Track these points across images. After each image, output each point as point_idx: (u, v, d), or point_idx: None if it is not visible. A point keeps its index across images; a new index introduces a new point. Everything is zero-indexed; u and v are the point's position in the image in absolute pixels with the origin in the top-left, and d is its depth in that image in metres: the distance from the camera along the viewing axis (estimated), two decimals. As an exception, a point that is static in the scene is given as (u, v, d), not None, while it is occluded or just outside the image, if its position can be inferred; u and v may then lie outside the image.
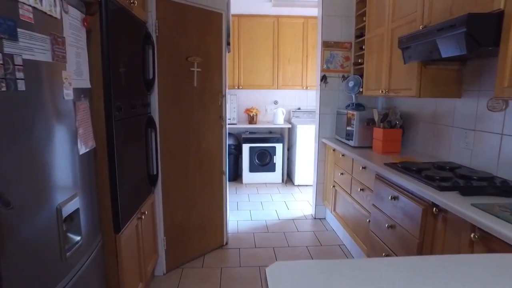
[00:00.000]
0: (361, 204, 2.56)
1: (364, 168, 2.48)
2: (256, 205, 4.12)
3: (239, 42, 4.91)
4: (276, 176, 5.05)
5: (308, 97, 5.46)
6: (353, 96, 3.27)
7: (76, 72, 1.27)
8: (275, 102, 5.42)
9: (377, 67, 2.77)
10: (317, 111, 3.54)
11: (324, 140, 3.47)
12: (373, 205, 2.26)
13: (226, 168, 2.96)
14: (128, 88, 1.86)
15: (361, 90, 3.16)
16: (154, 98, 2.30)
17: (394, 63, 2.49)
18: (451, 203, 1.43)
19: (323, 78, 3.38)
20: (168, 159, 2.45)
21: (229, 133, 5.17)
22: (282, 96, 5.43)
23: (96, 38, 1.48)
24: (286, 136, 5.03)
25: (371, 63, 2.90)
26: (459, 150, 2.21)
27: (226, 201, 3.02)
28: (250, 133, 5.20)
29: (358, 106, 3.23)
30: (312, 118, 5.25)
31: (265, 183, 5.05)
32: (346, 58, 3.39)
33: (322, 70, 3.39)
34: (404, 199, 1.85)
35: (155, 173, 2.34)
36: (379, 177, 2.19)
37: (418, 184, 1.73)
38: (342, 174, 2.99)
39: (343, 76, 3.41)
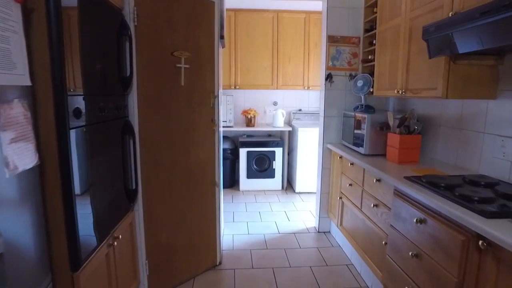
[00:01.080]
0: (374, 222, 2.22)
1: (378, 181, 2.14)
2: (253, 216, 3.77)
3: (235, 38, 4.57)
4: (275, 182, 4.71)
5: (309, 98, 5.11)
6: (362, 97, 2.93)
7: (0, 64, 0.92)
8: (275, 103, 5.07)
9: (391, 64, 2.42)
10: (322, 113, 3.19)
11: (329, 146, 3.12)
12: (392, 226, 1.91)
13: (219, 178, 2.61)
14: (95, 88, 1.51)
15: (371, 91, 2.81)
16: (133, 99, 1.95)
17: (413, 59, 2.15)
18: (509, 238, 1.09)
19: (328, 77, 3.03)
20: (150, 170, 2.10)
21: (225, 137, 4.83)
22: (282, 97, 5.08)
23: (40, 20, 1.13)
24: (286, 140, 4.68)
25: (384, 60, 2.56)
26: (493, 161, 1.86)
27: (220, 216, 2.67)
28: (248, 136, 4.85)
29: (368, 108, 2.89)
30: (314, 120, 4.90)
31: (264, 190, 4.70)
32: (354, 54, 3.05)
33: (327, 68, 3.04)
34: (434, 223, 1.51)
35: (134, 187, 1.99)
36: (399, 194, 1.84)
37: (453, 207, 1.39)
38: (350, 185, 2.65)
39: (350, 75, 3.06)
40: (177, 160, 2.26)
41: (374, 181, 2.16)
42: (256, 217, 3.74)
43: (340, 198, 2.90)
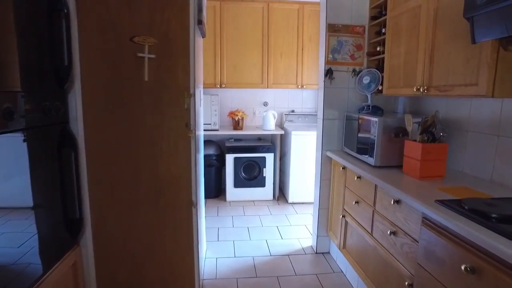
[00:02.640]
0: (391, 253, 1.76)
1: (397, 202, 1.68)
2: (241, 233, 3.29)
3: (221, 32, 4.08)
4: (266, 192, 4.23)
5: (303, 98, 4.65)
6: (369, 96, 2.47)
7: None
8: (265, 104, 4.60)
9: (408, 55, 1.98)
10: (320, 115, 2.72)
11: (329, 154, 2.66)
12: (420, 265, 1.45)
13: (198, 197, 2.12)
14: (7, 81, 1.01)
15: (379, 89, 2.36)
16: (75, 99, 1.45)
17: (439, 48, 1.69)
18: None
19: (328, 73, 2.57)
20: (103, 192, 1.61)
21: (209, 141, 4.34)
22: (273, 97, 4.61)
23: None
24: (278, 144, 4.22)
25: (397, 51, 2.11)
26: (552, 179, 1.42)
27: (199, 243, 2.17)
28: (235, 140, 4.36)
29: (376, 110, 2.44)
30: (309, 122, 4.45)
31: (253, 201, 4.22)
32: (358, 46, 2.59)
33: (327, 62, 2.58)
34: (495, 275, 1.05)
35: (78, 216, 1.49)
36: (432, 224, 1.38)
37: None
38: (357, 203, 2.18)
39: (354, 70, 2.60)
40: (141, 176, 1.77)
41: (392, 202, 1.70)
42: (244, 235, 3.26)
43: (343, 216, 2.44)
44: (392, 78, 2.18)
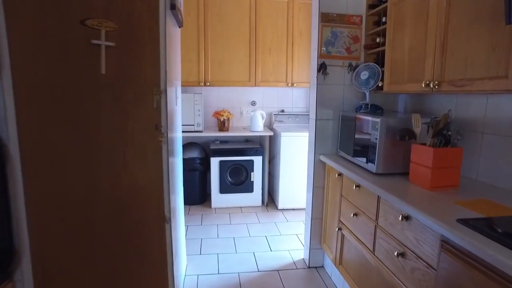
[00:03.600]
0: (398, 278, 1.48)
1: (406, 218, 1.40)
2: (227, 245, 2.99)
3: (205, 26, 3.77)
4: (254, 197, 3.94)
5: (294, 97, 4.38)
6: (367, 93, 2.21)
7: None
8: (253, 103, 4.31)
9: (414, 45, 1.71)
10: (312, 115, 2.45)
11: (323, 158, 2.38)
12: (438, 300, 1.18)
13: (175, 209, 1.81)
14: None
15: (379, 85, 2.09)
16: (2, 93, 1.14)
17: (454, 36, 1.43)
18: None
19: (322, 67, 2.29)
20: (46, 213, 1.29)
21: (193, 143, 4.03)
22: (262, 96, 4.33)
23: None
24: (266, 146, 3.93)
25: (401, 42, 1.84)
26: None
27: (173, 263, 1.87)
28: (221, 142, 4.07)
29: (375, 109, 2.17)
30: (300, 123, 4.18)
31: (241, 207, 3.93)
32: (354, 38, 2.33)
33: (320, 55, 2.30)
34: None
35: (8, 244, 1.17)
36: (457, 253, 1.11)
37: None
38: (355, 215, 1.91)
39: (350, 65, 2.33)
40: (98, 191, 1.46)
41: (400, 218, 1.43)
42: (230, 246, 2.96)
43: (340, 229, 2.16)
44: (395, 72, 1.92)
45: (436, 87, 1.53)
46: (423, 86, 1.60)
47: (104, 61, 1.40)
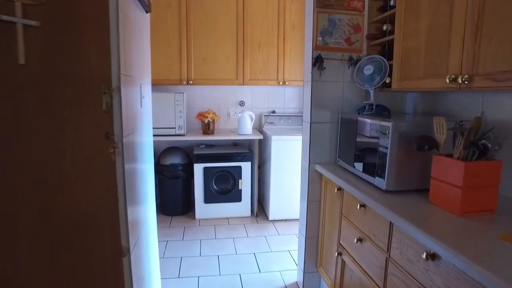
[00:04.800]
0: (420, 332, 1.14)
1: (432, 258, 1.05)
2: (210, 265, 2.62)
3: (188, 18, 3.40)
4: (242, 207, 3.58)
5: (286, 96, 4.03)
6: (371, 92, 1.86)
7: None
8: (241, 103, 3.95)
9: (434, 31, 1.37)
10: (307, 118, 2.09)
11: (318, 168, 2.03)
12: None
13: (138, 233, 1.44)
14: None
15: (387, 82, 1.75)
16: None
17: (494, 12, 1.09)
18: None
19: (317, 61, 1.94)
20: None
21: (175, 148, 3.65)
22: (250, 95, 3.97)
23: None
24: (256, 151, 3.57)
25: (415, 26, 1.50)
26: None
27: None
28: (207, 147, 3.70)
29: (381, 110, 1.83)
30: (292, 125, 3.83)
31: (227, 218, 3.56)
32: (356, 27, 1.98)
33: (315, 47, 1.95)
34: None
35: None
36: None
37: None
38: (360, 241, 1.56)
39: (350, 58, 1.99)
40: (22, 223, 1.08)
41: (423, 256, 1.08)
42: (214, 267, 2.60)
43: (339, 254, 1.81)
44: (407, 66, 1.57)
45: (466, 82, 1.19)
46: (447, 81, 1.25)
47: (23, 47, 1.02)
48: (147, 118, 1.89)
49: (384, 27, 1.80)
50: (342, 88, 2.02)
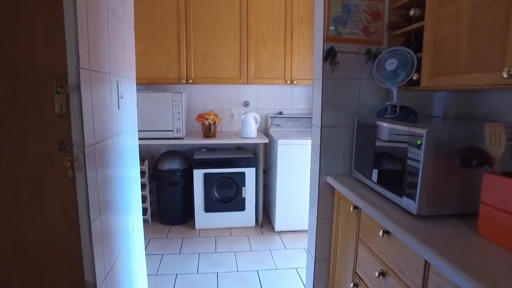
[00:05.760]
0: None
1: (494, 322, 0.75)
2: (207, 284, 2.34)
3: (187, 11, 3.14)
4: (246, 217, 3.29)
5: (294, 96, 3.73)
6: (394, 91, 1.56)
7: None
8: (246, 104, 3.67)
9: (482, 12, 1.06)
10: (316, 121, 1.80)
11: (330, 181, 1.73)
12: None
13: (103, 269, 1.17)
14: None
15: (414, 78, 1.44)
16: None
17: None
18: None
19: (330, 55, 1.64)
20: None
21: (174, 152, 3.39)
22: (255, 95, 3.68)
23: None
24: (261, 155, 3.28)
25: (453, 8, 1.19)
26: None
27: None
28: (208, 151, 3.43)
29: (407, 113, 1.52)
30: (301, 127, 3.53)
31: (230, 228, 3.28)
32: (375, 14, 1.67)
33: (327, 38, 1.65)
34: None
35: None
36: None
37: None
38: (383, 274, 1.26)
39: (368, 51, 1.68)
40: None
41: (478, 317, 0.77)
42: (212, 287, 2.32)
43: (355, 286, 1.51)
44: (442, 58, 1.26)
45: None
46: (505, 76, 0.95)
47: None
48: (129, 120, 1.62)
49: (411, 12, 1.49)
50: (359, 86, 1.71)
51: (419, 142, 1.12)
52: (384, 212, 1.22)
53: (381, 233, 1.24)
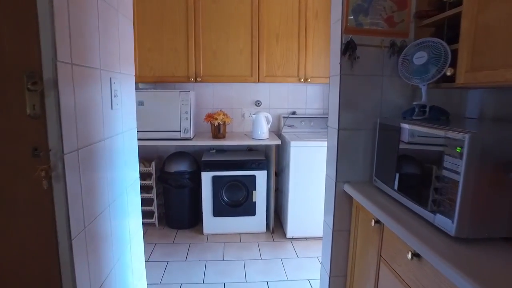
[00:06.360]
0: None
1: None
2: (212, 298, 2.20)
3: (196, 6, 3.00)
4: (256, 222, 3.13)
5: (308, 95, 3.54)
6: (423, 88, 1.36)
7: None
8: (257, 103, 3.50)
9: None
10: (333, 123, 1.61)
11: (348, 189, 1.55)
12: None
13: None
14: None
15: (447, 74, 1.25)
16: None
17: None
18: None
19: (348, 49, 1.46)
20: None
21: (182, 153, 3.25)
22: (267, 94, 3.51)
23: None
24: (272, 157, 3.11)
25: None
26: None
27: None
28: (218, 152, 3.28)
29: (438, 114, 1.33)
30: (315, 128, 3.35)
31: (239, 234, 3.13)
32: (400, 2, 1.48)
33: (345, 29, 1.47)
34: None
35: None
36: None
37: None
38: (411, 304, 1.07)
39: (393, 44, 1.49)
40: None
41: None
42: (217, 300, 2.17)
43: (377, 311, 1.33)
44: (485, 50, 1.07)
45: None
46: None
47: None
48: (127, 121, 1.48)
49: (446, -2, 1.29)
50: (381, 83, 1.52)
51: (458, 149, 0.93)
52: (413, 231, 1.04)
53: (409, 255, 1.05)
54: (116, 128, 1.34)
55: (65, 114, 0.92)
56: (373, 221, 1.32)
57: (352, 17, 1.45)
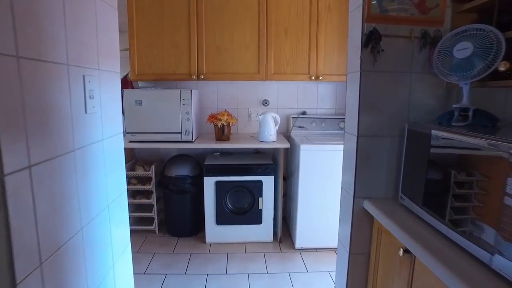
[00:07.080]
0: None
1: None
2: (213, 320, 1.98)
3: (199, -2, 2.78)
4: (263, 230, 2.90)
5: (319, 94, 3.29)
6: (465, 88, 1.11)
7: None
8: (265, 103, 3.27)
9: None
10: (351, 128, 1.37)
11: (369, 207, 1.30)
12: None
13: None
14: None
15: (500, 69, 0.99)
16: None
17: None
18: None
19: (371, 40, 1.21)
20: None
21: (182, 156, 3.01)
22: (275, 93, 3.27)
23: None
24: (280, 161, 2.87)
25: None
26: None
27: None
28: (222, 155, 3.06)
29: (485, 119, 1.07)
30: (326, 129, 3.10)
31: (244, 243, 2.90)
32: (434, -17, 1.23)
33: (368, 17, 1.22)
34: None
35: None
36: None
37: None
38: None
39: (425, 34, 1.24)
40: None
41: None
42: (218, 323, 1.95)
43: None
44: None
45: None
46: None
47: None
48: (108, 127, 1.26)
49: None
50: (410, 82, 1.28)
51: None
52: (460, 273, 0.80)
53: (454, 305, 0.81)
54: (92, 135, 1.13)
55: (7, 122, 0.70)
56: (401, 250, 1.08)
57: (375, 1, 1.21)
